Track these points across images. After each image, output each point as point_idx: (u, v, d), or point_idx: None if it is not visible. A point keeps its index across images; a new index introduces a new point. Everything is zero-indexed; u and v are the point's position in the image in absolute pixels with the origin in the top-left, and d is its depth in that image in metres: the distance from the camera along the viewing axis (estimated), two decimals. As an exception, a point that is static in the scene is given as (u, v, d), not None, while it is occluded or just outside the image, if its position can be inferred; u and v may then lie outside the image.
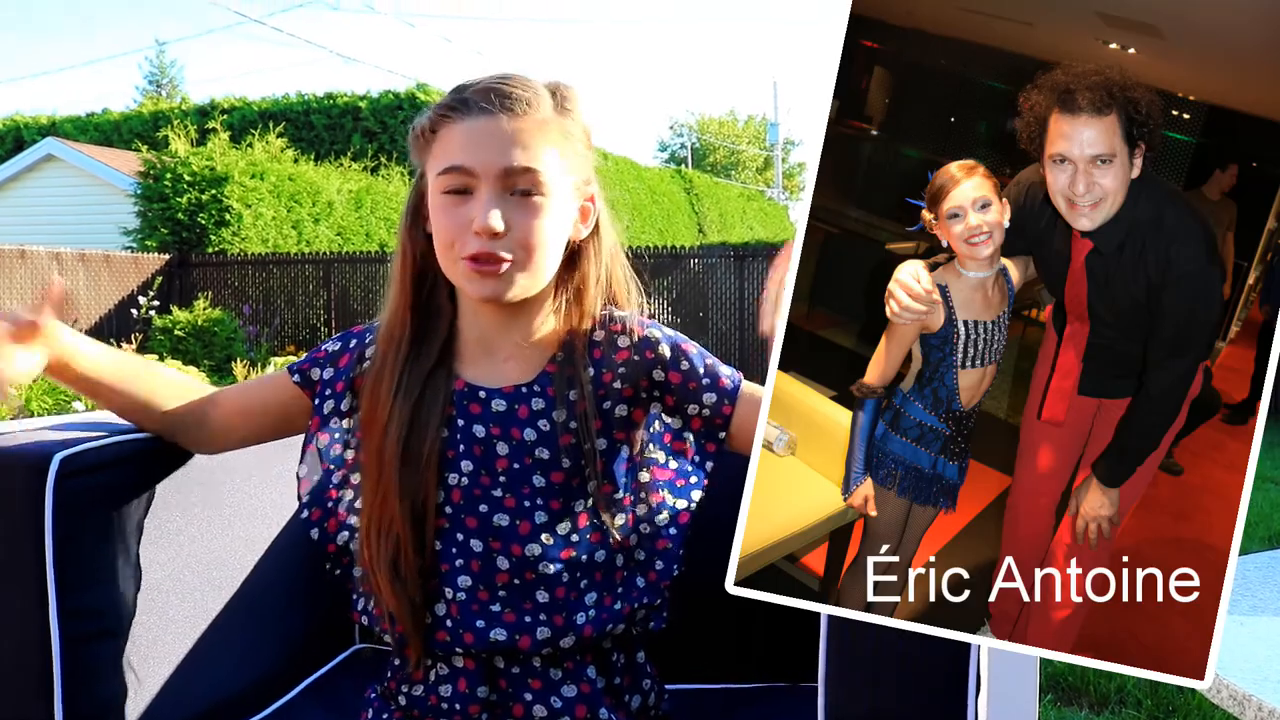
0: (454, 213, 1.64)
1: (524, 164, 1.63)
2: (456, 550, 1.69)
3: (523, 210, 1.64)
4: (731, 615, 2.18)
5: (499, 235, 1.61)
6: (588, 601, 1.70)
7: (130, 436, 1.80)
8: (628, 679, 1.78)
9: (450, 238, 1.64)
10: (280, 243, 18.77)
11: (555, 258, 1.70)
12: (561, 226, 1.70)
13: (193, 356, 13.97)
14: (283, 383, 1.83)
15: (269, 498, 2.18)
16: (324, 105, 23.97)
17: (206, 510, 2.03)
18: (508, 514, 1.69)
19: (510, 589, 1.69)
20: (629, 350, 1.75)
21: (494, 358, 1.74)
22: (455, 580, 1.69)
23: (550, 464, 1.70)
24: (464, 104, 1.66)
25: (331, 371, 1.80)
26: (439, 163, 1.66)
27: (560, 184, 1.68)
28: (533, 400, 1.71)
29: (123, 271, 16.48)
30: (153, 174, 18.19)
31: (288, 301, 17.47)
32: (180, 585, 1.95)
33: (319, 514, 1.77)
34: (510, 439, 1.70)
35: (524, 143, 1.64)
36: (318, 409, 1.79)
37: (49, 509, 1.65)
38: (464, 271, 1.65)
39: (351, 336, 1.83)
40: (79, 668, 1.69)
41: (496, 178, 1.63)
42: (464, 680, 1.71)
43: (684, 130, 62.62)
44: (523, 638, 1.67)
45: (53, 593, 1.65)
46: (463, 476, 1.70)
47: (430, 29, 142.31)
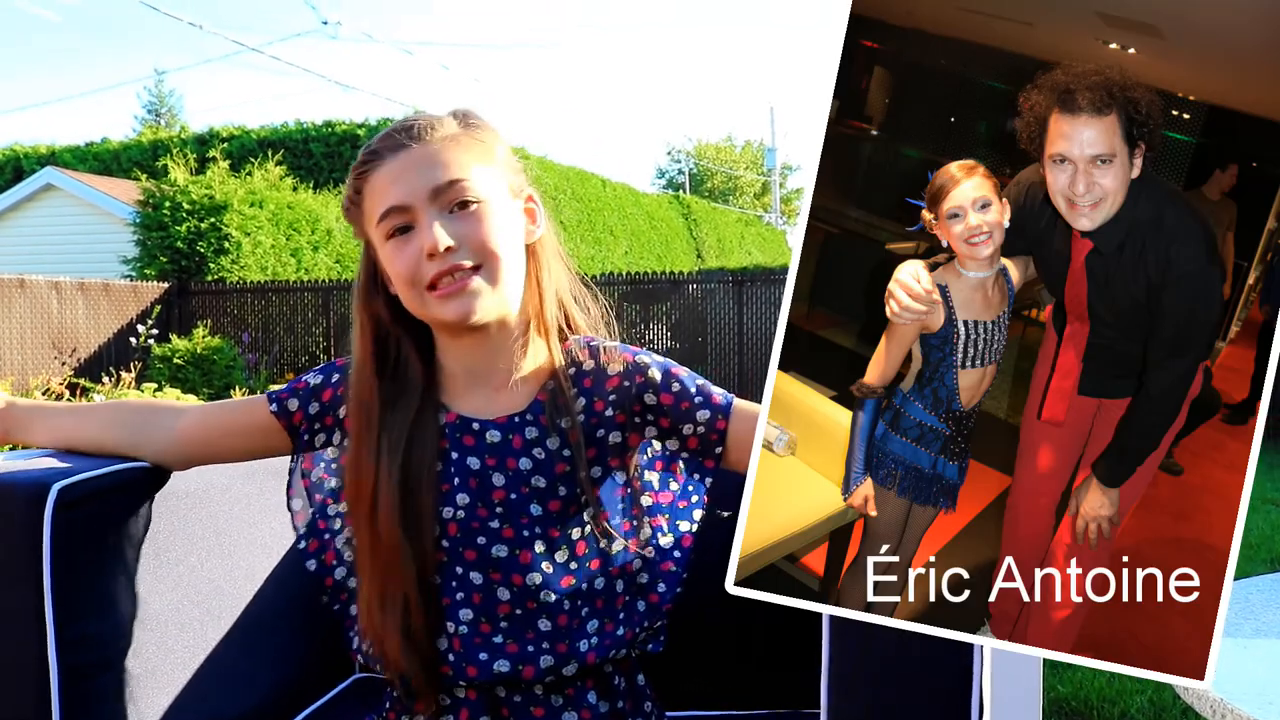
0: (403, 251, 1.64)
1: (449, 178, 1.64)
2: (456, 584, 1.69)
3: (466, 222, 1.64)
4: (732, 639, 2.17)
5: (452, 250, 1.62)
6: (590, 629, 1.69)
7: (127, 465, 1.80)
8: (629, 703, 1.78)
9: (408, 274, 1.64)
10: (279, 270, 18.77)
11: (517, 260, 1.70)
12: (511, 229, 1.69)
13: (192, 385, 13.95)
14: (258, 409, 1.81)
15: (269, 528, 2.18)
16: (323, 133, 23.99)
17: (207, 540, 2.03)
18: (506, 544, 1.68)
19: (512, 619, 1.68)
20: (619, 377, 1.75)
21: (486, 388, 1.74)
22: (457, 614, 1.68)
23: (547, 493, 1.69)
24: (374, 154, 1.68)
25: (317, 406, 1.79)
26: (374, 215, 1.67)
27: (492, 189, 1.68)
28: (526, 429, 1.71)
29: (122, 300, 16.47)
30: (152, 203, 18.19)
31: (287, 329, 17.45)
32: (180, 615, 1.94)
33: (315, 545, 1.77)
34: (506, 469, 1.69)
35: (442, 160, 1.65)
36: (306, 444, 1.79)
37: (47, 538, 1.64)
38: (434, 302, 1.64)
39: (334, 370, 1.81)
40: (78, 698, 1.68)
41: (428, 200, 1.63)
42: (466, 711, 1.70)
43: (681, 156, 62.72)
44: (526, 668, 1.67)
45: (51, 623, 1.65)
46: (458, 510, 1.69)
47: (428, 57, 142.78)
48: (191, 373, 14.30)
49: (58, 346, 15.16)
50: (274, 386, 1.86)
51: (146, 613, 1.84)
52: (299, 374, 8.03)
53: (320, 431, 1.78)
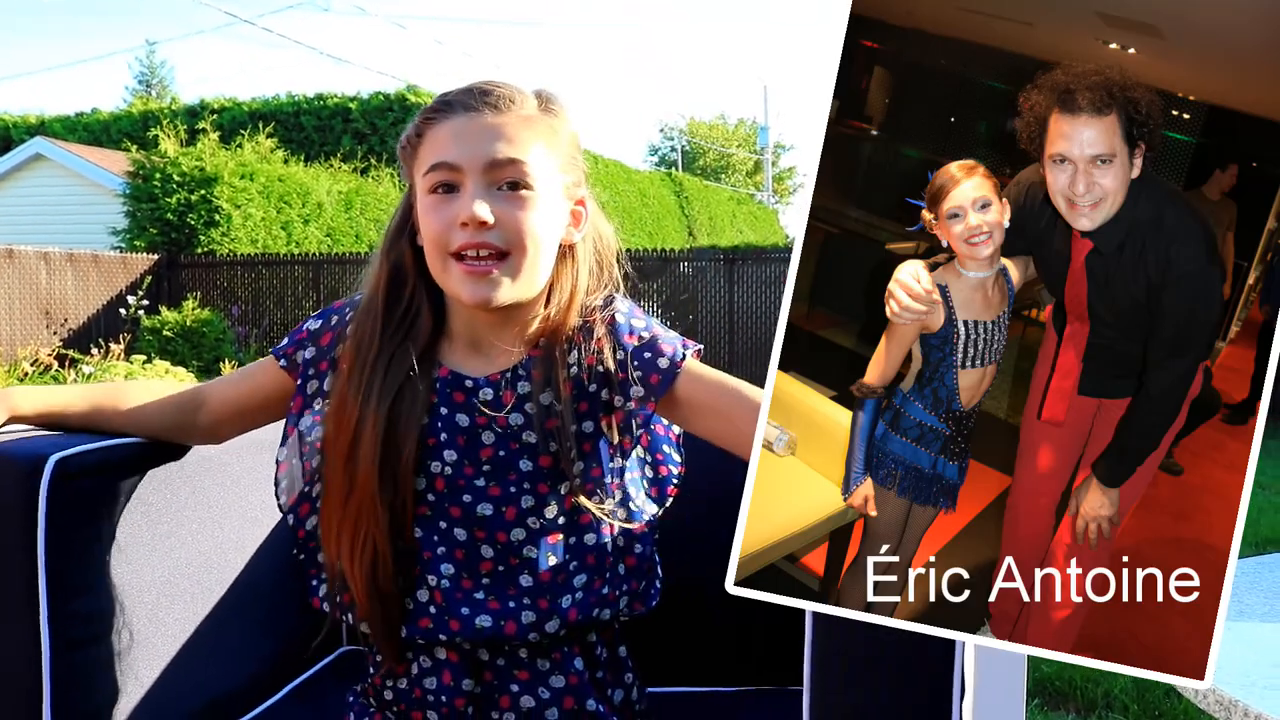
0: (441, 210, 1.63)
1: (509, 155, 1.63)
2: (439, 539, 1.68)
3: (511, 204, 1.63)
4: (719, 618, 2.17)
5: (486, 226, 1.60)
6: (575, 584, 1.69)
7: (122, 440, 1.80)
8: (610, 672, 1.78)
9: (438, 234, 1.63)
10: (269, 243, 18.72)
11: (548, 256, 1.69)
12: (552, 224, 1.68)
13: (181, 357, 13.92)
14: (270, 369, 1.81)
15: (258, 500, 2.17)
16: (314, 106, 23.91)
17: (196, 513, 2.02)
18: (491, 502, 1.67)
19: (494, 576, 1.68)
20: (604, 338, 1.73)
21: (486, 353, 1.73)
22: (438, 568, 1.68)
23: (538, 447, 1.68)
24: (447, 105, 1.66)
25: (314, 350, 1.78)
26: (424, 163, 1.66)
27: (549, 180, 1.67)
28: (518, 384, 1.70)
29: (111, 272, 16.42)
30: (142, 174, 18.12)
31: (277, 302, 17.41)
32: (170, 588, 1.93)
33: (294, 499, 1.77)
34: (496, 425, 1.68)
35: (508, 136, 1.64)
36: (300, 389, 1.77)
37: (42, 511, 1.64)
38: (456, 275, 1.63)
39: (333, 313, 1.81)
40: (68, 672, 1.68)
41: (482, 171, 1.62)
42: (448, 673, 1.70)
43: (674, 134, 62.55)
44: (508, 623, 1.66)
45: (44, 596, 1.64)
46: (446, 465, 1.68)
47: (421, 31, 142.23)
48: (181, 345, 14.28)
49: (47, 317, 15.12)
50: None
51: (138, 585, 1.84)
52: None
53: (314, 378, 1.77)
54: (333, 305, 1.83)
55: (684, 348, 1.73)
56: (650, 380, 1.70)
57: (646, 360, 1.71)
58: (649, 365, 1.71)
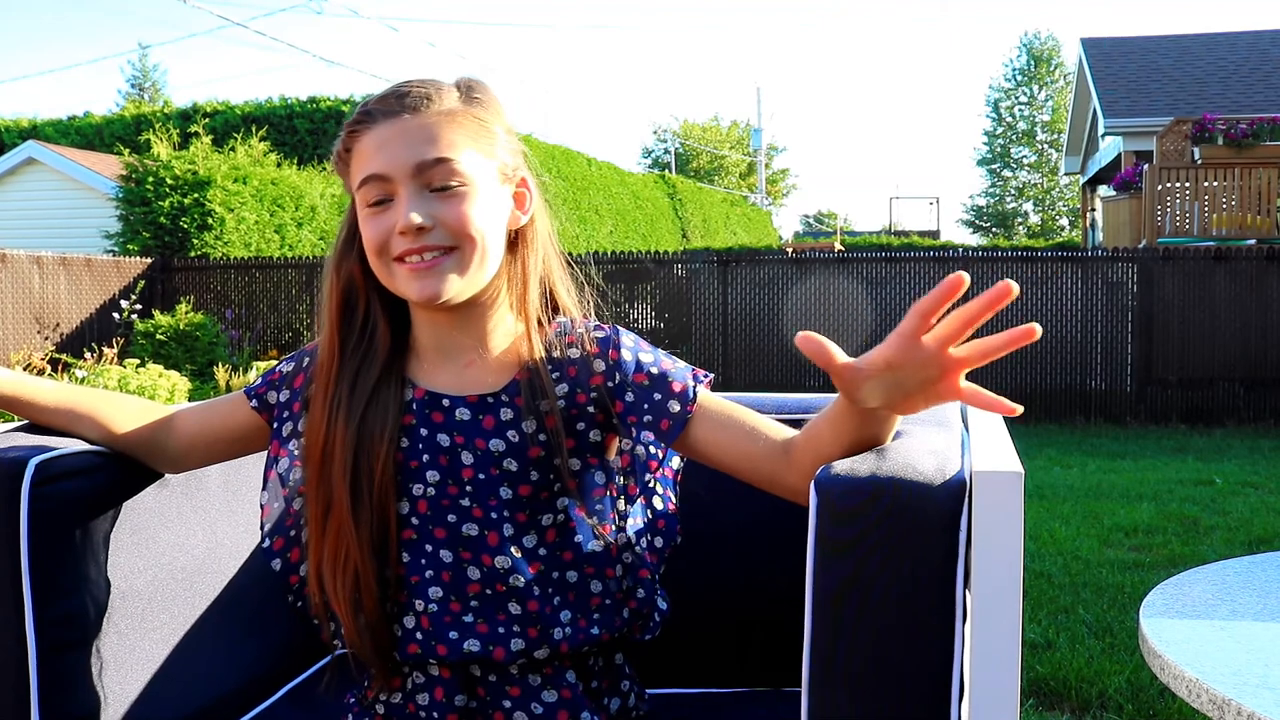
0: (378, 221, 1.62)
1: (434, 155, 1.61)
2: (426, 561, 1.67)
3: (446, 203, 1.61)
4: (718, 619, 2.16)
5: (424, 230, 1.59)
6: (563, 619, 1.67)
7: None
8: (606, 682, 1.76)
9: (377, 244, 1.62)
10: (263, 247, 18.68)
11: (496, 246, 1.67)
12: (494, 214, 1.67)
13: (174, 361, 13.88)
14: (239, 406, 1.80)
15: (249, 504, 2.16)
16: (307, 109, 23.87)
17: (186, 517, 2.01)
18: (476, 524, 1.66)
19: (482, 599, 1.66)
20: (602, 375, 1.71)
21: (455, 364, 1.71)
22: (426, 591, 1.67)
23: (518, 476, 1.66)
24: (368, 115, 1.64)
25: (288, 393, 1.77)
26: (357, 177, 1.64)
27: (481, 171, 1.65)
28: (501, 410, 1.68)
29: (104, 275, 16.35)
30: (135, 177, 18.08)
31: (270, 306, 17.34)
32: (161, 592, 1.93)
33: (281, 543, 1.75)
34: (475, 449, 1.66)
35: (431, 136, 1.62)
36: (276, 433, 1.77)
37: (24, 515, 1.63)
38: (401, 275, 1.63)
39: (305, 355, 1.80)
40: (56, 676, 1.67)
41: (410, 176, 1.61)
42: (440, 689, 1.69)
43: (667, 135, 62.60)
44: (496, 649, 1.65)
45: (29, 601, 1.64)
46: (428, 487, 1.66)
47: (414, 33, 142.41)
48: (174, 349, 14.24)
49: (39, 321, 15.07)
50: (264, 364, 1.83)
51: (128, 589, 1.83)
52: (283, 351, 7.92)
53: (289, 420, 1.76)
54: (305, 347, 1.82)
55: (694, 382, 1.70)
56: (661, 426, 1.68)
57: (657, 403, 1.69)
58: (659, 409, 1.69)
